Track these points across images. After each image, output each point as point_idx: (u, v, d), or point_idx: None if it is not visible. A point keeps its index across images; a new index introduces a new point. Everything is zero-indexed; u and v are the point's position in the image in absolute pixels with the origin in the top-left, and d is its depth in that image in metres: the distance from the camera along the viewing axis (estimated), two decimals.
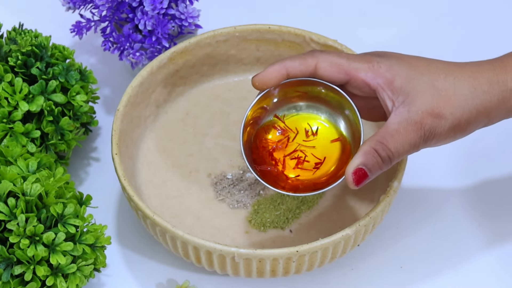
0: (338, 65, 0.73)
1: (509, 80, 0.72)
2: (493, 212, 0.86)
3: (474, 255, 0.83)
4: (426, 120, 0.71)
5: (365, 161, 0.71)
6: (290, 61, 0.73)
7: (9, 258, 0.71)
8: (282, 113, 0.77)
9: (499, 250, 0.83)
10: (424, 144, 0.72)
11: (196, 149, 0.87)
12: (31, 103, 0.80)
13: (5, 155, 0.77)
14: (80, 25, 0.89)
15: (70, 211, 0.73)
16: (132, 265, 0.83)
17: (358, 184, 0.71)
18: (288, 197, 0.83)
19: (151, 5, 0.86)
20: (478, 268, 0.82)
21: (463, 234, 0.84)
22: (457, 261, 0.83)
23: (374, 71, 0.72)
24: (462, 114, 0.72)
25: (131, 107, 0.84)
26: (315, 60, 0.73)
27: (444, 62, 0.74)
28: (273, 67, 0.73)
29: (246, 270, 0.75)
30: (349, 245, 0.76)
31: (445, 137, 0.72)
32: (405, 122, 0.71)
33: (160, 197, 0.84)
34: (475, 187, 0.87)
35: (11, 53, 0.82)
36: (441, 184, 0.88)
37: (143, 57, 0.89)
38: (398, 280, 0.82)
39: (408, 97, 0.71)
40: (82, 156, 0.90)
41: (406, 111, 0.71)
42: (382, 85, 0.72)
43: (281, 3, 1.03)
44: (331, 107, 0.76)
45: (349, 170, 0.71)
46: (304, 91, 0.76)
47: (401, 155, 0.72)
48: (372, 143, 0.71)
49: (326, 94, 0.75)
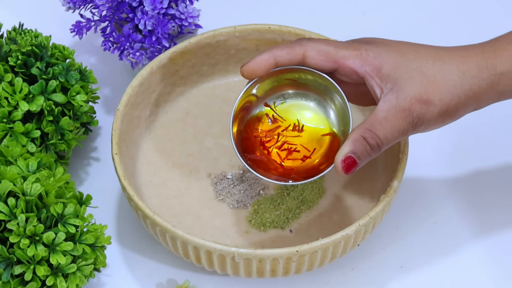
0: (326, 54, 0.73)
1: (499, 64, 0.72)
2: (493, 211, 0.86)
3: (475, 255, 0.83)
4: (415, 107, 0.71)
5: (354, 149, 0.71)
6: (278, 50, 0.74)
7: (9, 258, 0.71)
8: (271, 101, 0.77)
9: (500, 250, 0.83)
10: (413, 130, 0.72)
11: (196, 149, 0.87)
12: (31, 103, 0.80)
13: (5, 155, 0.77)
14: (80, 25, 0.89)
15: (70, 211, 0.73)
16: (132, 265, 0.83)
17: (347, 172, 0.71)
18: (288, 197, 0.83)
19: (151, 5, 0.86)
20: (478, 268, 0.82)
21: (463, 234, 0.84)
22: (457, 261, 0.83)
23: (362, 59, 0.72)
24: (450, 100, 0.72)
25: (131, 107, 0.84)
26: (303, 48, 0.73)
27: (433, 47, 0.74)
28: (261, 56, 0.74)
29: (246, 270, 0.75)
30: (349, 245, 0.76)
31: (434, 122, 0.72)
32: (393, 109, 0.71)
33: (160, 197, 0.84)
34: (475, 187, 0.87)
35: (11, 53, 0.82)
36: (441, 184, 0.88)
37: (143, 57, 0.89)
38: (398, 280, 0.82)
39: (396, 84, 0.72)
40: (82, 156, 0.90)
41: (394, 98, 0.71)
42: (370, 73, 0.72)
43: (281, 3, 1.03)
44: (320, 94, 0.77)
45: (338, 158, 0.71)
46: (293, 78, 0.76)
47: (390, 142, 0.72)
48: (361, 131, 0.71)
49: (314, 81, 0.75)
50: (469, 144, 0.90)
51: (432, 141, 0.90)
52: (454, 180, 0.88)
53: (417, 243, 0.84)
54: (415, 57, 0.72)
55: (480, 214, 0.86)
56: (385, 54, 0.72)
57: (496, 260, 0.83)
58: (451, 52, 0.73)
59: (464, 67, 0.72)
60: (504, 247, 0.83)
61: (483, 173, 0.88)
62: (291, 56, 0.74)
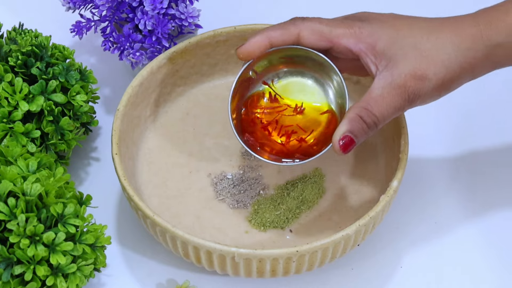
0: (320, 33, 0.74)
1: (494, 35, 0.72)
2: (494, 211, 0.86)
3: (475, 255, 0.83)
4: (410, 83, 0.71)
5: (351, 128, 0.72)
6: (272, 32, 0.74)
7: (9, 258, 0.71)
8: (269, 80, 0.78)
9: (501, 250, 0.83)
10: (409, 105, 0.73)
11: (196, 149, 0.87)
12: (31, 103, 0.80)
13: (5, 155, 0.77)
14: (80, 25, 0.89)
15: (70, 211, 0.73)
16: (132, 265, 0.83)
17: (345, 151, 0.72)
18: (288, 197, 0.83)
19: (151, 5, 0.86)
20: (479, 269, 0.82)
21: (463, 234, 0.84)
22: (458, 261, 0.83)
23: (355, 37, 0.73)
24: (445, 74, 0.72)
25: (131, 107, 0.84)
26: (297, 29, 0.74)
27: (427, 19, 0.74)
28: (256, 38, 0.74)
29: (246, 270, 0.75)
30: (349, 245, 0.76)
31: (430, 96, 0.73)
32: (388, 86, 0.72)
33: (160, 197, 0.84)
34: (475, 187, 0.87)
35: (11, 53, 0.82)
36: (441, 184, 0.88)
37: (143, 57, 0.89)
38: (398, 280, 0.82)
39: (391, 61, 0.72)
40: (82, 156, 0.90)
41: (389, 74, 0.72)
42: (365, 50, 0.73)
43: (281, 3, 1.03)
44: (317, 72, 0.77)
45: (335, 138, 0.72)
46: (289, 55, 0.76)
47: (387, 119, 0.73)
48: (357, 110, 0.72)
49: (311, 59, 0.76)
50: (469, 145, 0.90)
51: (432, 141, 0.90)
52: (454, 180, 0.88)
53: (417, 243, 0.84)
54: (409, 32, 0.72)
55: (481, 214, 0.86)
56: (379, 31, 0.73)
57: (497, 261, 0.83)
58: (445, 25, 0.73)
59: (458, 40, 0.72)
60: (506, 247, 0.83)
61: (484, 174, 0.88)
62: (285, 37, 0.74)
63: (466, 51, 0.72)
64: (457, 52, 0.72)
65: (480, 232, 0.84)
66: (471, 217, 0.85)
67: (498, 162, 0.89)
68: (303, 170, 0.85)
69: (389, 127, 0.83)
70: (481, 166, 0.89)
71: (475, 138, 0.91)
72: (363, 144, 0.86)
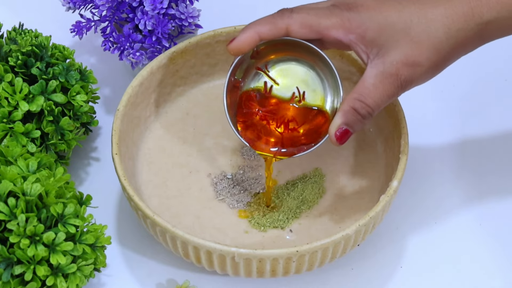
0: (309, 26, 0.73)
1: (485, 12, 0.71)
2: (495, 211, 0.86)
3: (475, 255, 0.83)
4: (402, 71, 0.72)
5: (346, 121, 0.73)
6: (260, 26, 0.74)
7: (9, 258, 0.71)
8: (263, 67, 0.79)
9: (501, 250, 0.83)
10: (402, 91, 0.73)
11: (196, 149, 0.87)
12: (31, 103, 0.80)
13: (5, 155, 0.77)
14: (80, 25, 0.89)
15: (70, 211, 0.73)
16: (132, 265, 0.83)
17: (341, 142, 0.73)
18: (288, 197, 0.83)
19: (151, 5, 0.86)
20: (480, 269, 0.82)
21: (464, 234, 0.84)
22: (458, 261, 0.83)
23: (344, 28, 0.73)
24: (438, 57, 0.72)
25: (131, 107, 0.84)
26: (285, 23, 0.74)
27: (415, 1, 0.73)
28: (245, 34, 0.74)
29: (246, 270, 0.75)
30: (349, 245, 0.76)
31: (423, 79, 0.73)
32: (381, 75, 0.72)
33: (160, 197, 0.84)
34: (475, 187, 0.87)
35: (11, 53, 0.82)
36: (441, 184, 0.88)
37: (143, 57, 0.89)
38: (398, 280, 0.82)
39: (382, 49, 0.72)
40: (82, 156, 0.90)
41: (381, 63, 0.72)
42: (355, 40, 0.73)
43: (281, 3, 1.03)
44: (309, 59, 0.77)
45: (331, 131, 0.73)
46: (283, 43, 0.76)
47: (381, 107, 0.73)
48: (351, 102, 0.73)
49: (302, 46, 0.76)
50: (469, 145, 0.90)
51: (432, 141, 0.90)
52: (454, 180, 0.88)
53: (417, 243, 0.84)
54: (399, 17, 0.72)
55: (481, 214, 0.86)
56: (368, 20, 0.72)
57: (499, 262, 0.83)
58: (435, 6, 0.72)
59: (449, 21, 0.71)
60: (508, 248, 0.83)
61: (484, 173, 0.88)
62: (274, 32, 0.74)
63: (457, 32, 0.71)
64: (448, 34, 0.71)
65: (481, 232, 0.84)
66: (472, 217, 0.85)
67: (502, 165, 0.89)
68: (303, 170, 0.85)
69: (389, 127, 0.83)
70: (483, 167, 0.89)
71: (477, 138, 0.91)
72: (363, 144, 0.86)
